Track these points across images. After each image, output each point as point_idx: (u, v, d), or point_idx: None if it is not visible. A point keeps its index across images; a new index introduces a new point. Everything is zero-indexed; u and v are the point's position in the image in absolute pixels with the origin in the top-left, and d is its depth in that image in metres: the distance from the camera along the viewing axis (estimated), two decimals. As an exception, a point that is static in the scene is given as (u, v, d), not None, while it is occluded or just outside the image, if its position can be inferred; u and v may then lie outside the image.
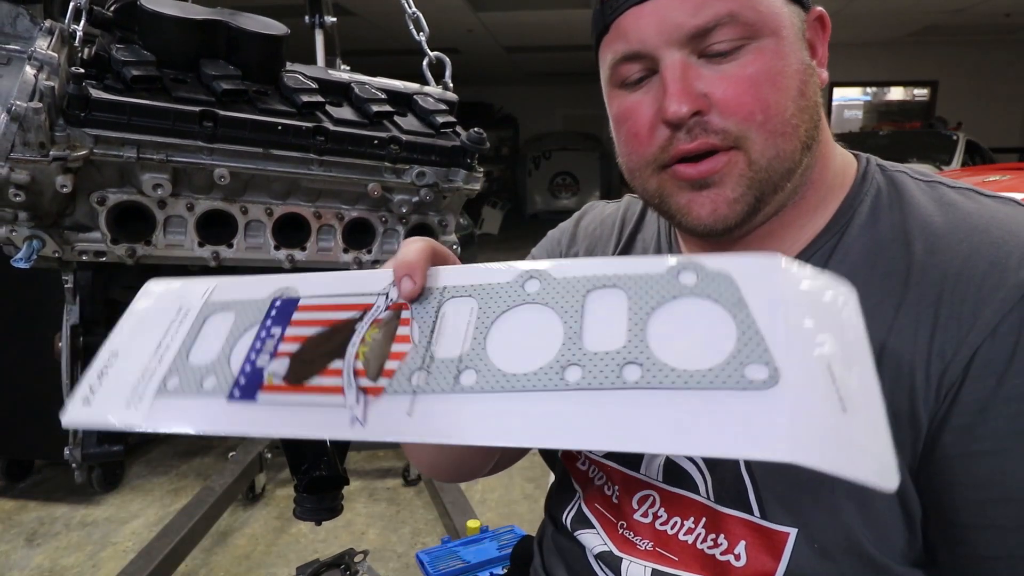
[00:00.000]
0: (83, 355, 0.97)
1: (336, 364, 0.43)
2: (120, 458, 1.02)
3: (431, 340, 0.43)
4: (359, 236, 1.11)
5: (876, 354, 0.53)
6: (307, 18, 2.04)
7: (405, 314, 0.45)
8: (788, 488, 0.56)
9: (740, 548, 0.57)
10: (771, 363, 0.34)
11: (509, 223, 10.13)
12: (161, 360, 0.47)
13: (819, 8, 0.60)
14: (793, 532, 0.55)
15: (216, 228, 1.00)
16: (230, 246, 1.01)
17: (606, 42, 0.60)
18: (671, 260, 0.40)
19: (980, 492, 0.51)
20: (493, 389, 0.39)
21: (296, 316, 0.47)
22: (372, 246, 1.12)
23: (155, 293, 0.53)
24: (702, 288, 0.38)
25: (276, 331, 0.46)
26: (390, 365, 0.42)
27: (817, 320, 0.36)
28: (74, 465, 0.98)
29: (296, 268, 1.06)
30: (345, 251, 1.10)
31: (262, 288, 0.49)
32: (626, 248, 0.76)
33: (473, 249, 6.47)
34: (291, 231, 1.06)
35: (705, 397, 0.34)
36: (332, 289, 0.48)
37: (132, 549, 2.21)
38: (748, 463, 0.57)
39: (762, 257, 0.39)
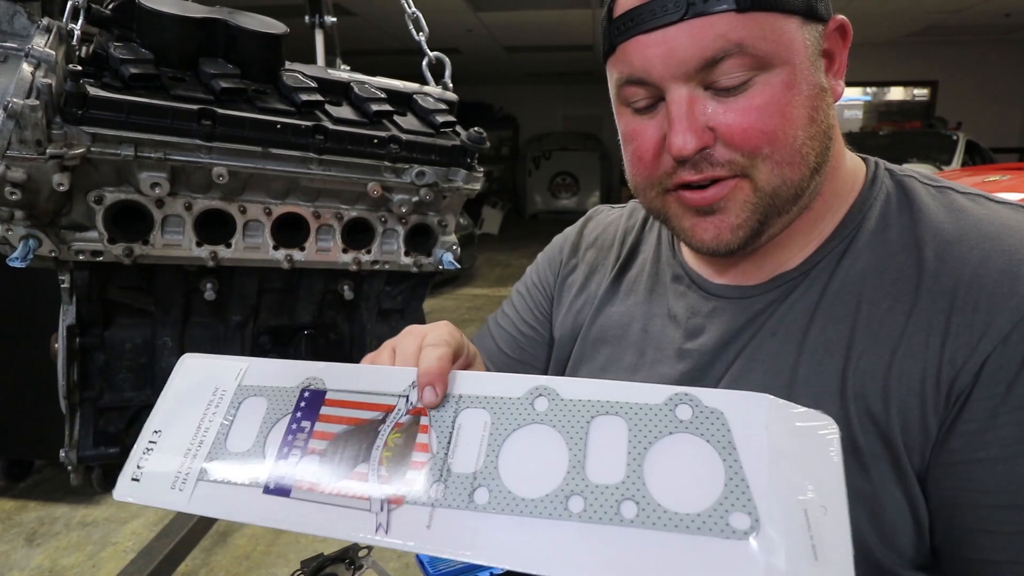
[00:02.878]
0: (79, 356, 0.96)
1: (361, 468, 0.47)
2: (117, 460, 1.01)
3: (448, 452, 0.47)
4: (358, 236, 1.11)
5: (887, 361, 0.54)
6: (307, 18, 2.04)
7: (424, 420, 0.49)
8: None
9: None
10: (753, 512, 0.38)
11: (509, 223, 10.13)
12: (201, 444, 0.52)
13: (840, 17, 0.58)
14: None
15: (214, 228, 0.99)
16: (228, 246, 1.00)
17: (612, 62, 0.60)
18: (670, 389, 0.45)
19: (987, 497, 0.51)
20: (503, 511, 0.43)
21: (324, 411, 0.51)
22: (371, 246, 1.12)
23: (192, 369, 0.58)
24: (696, 425, 0.42)
25: (306, 425, 0.51)
26: (411, 475, 0.46)
27: (799, 463, 0.40)
28: (70, 467, 0.97)
29: (295, 268, 1.06)
30: (344, 251, 1.09)
31: (292, 375, 0.54)
32: (627, 261, 0.77)
33: (473, 249, 6.47)
34: (290, 231, 1.05)
35: (691, 542, 0.38)
36: (355, 384, 0.52)
37: (132, 549, 2.21)
38: None
39: (752, 397, 0.43)
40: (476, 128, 1.12)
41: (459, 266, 1.19)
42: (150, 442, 0.54)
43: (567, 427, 0.45)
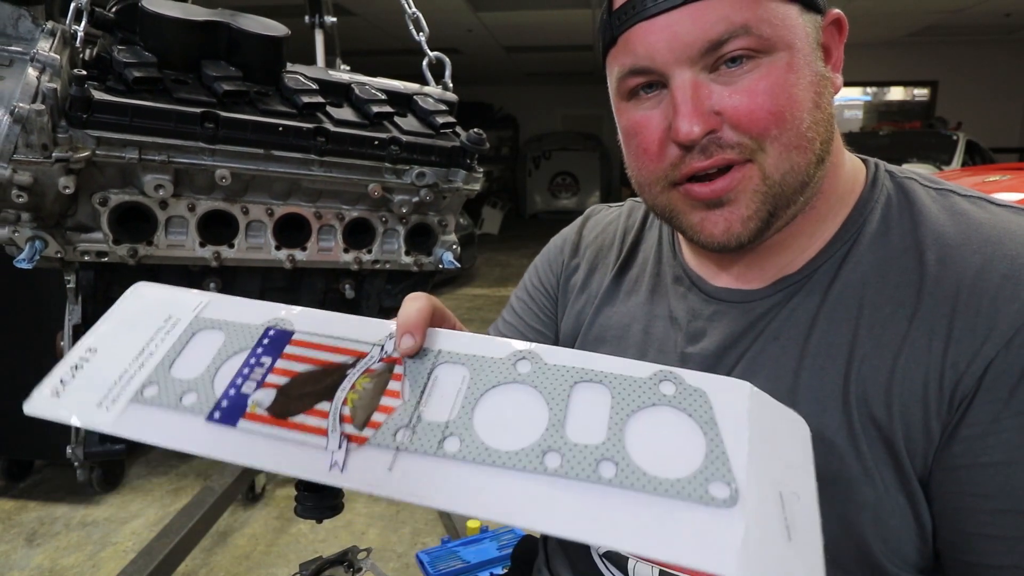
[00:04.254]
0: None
1: (323, 406, 0.43)
2: (122, 456, 1.02)
3: (420, 400, 0.44)
4: (359, 236, 1.12)
5: (889, 365, 0.54)
6: (307, 18, 2.05)
7: (398, 369, 0.46)
8: None
9: None
10: (732, 483, 0.37)
11: (509, 223, 10.13)
12: (142, 366, 0.46)
13: (836, 11, 0.59)
14: None
15: (217, 228, 1.00)
16: (231, 246, 1.01)
17: (613, 54, 0.59)
18: (655, 367, 0.44)
19: (989, 502, 0.51)
20: (474, 460, 0.40)
21: (288, 349, 0.47)
22: (372, 246, 1.13)
23: (144, 296, 0.52)
24: (679, 400, 0.42)
25: (266, 360, 0.46)
26: (377, 417, 0.43)
27: (776, 450, 0.40)
28: (76, 464, 0.99)
29: (297, 267, 1.07)
30: (345, 251, 1.10)
31: (257, 313, 0.49)
32: (627, 260, 0.76)
33: (473, 249, 6.47)
34: (292, 231, 1.06)
35: (670, 505, 0.37)
36: (328, 329, 0.48)
37: (132, 549, 2.22)
38: None
39: (734, 382, 0.42)
40: (476, 129, 1.13)
41: (459, 265, 1.20)
42: (81, 359, 0.47)
43: (549, 389, 0.43)
